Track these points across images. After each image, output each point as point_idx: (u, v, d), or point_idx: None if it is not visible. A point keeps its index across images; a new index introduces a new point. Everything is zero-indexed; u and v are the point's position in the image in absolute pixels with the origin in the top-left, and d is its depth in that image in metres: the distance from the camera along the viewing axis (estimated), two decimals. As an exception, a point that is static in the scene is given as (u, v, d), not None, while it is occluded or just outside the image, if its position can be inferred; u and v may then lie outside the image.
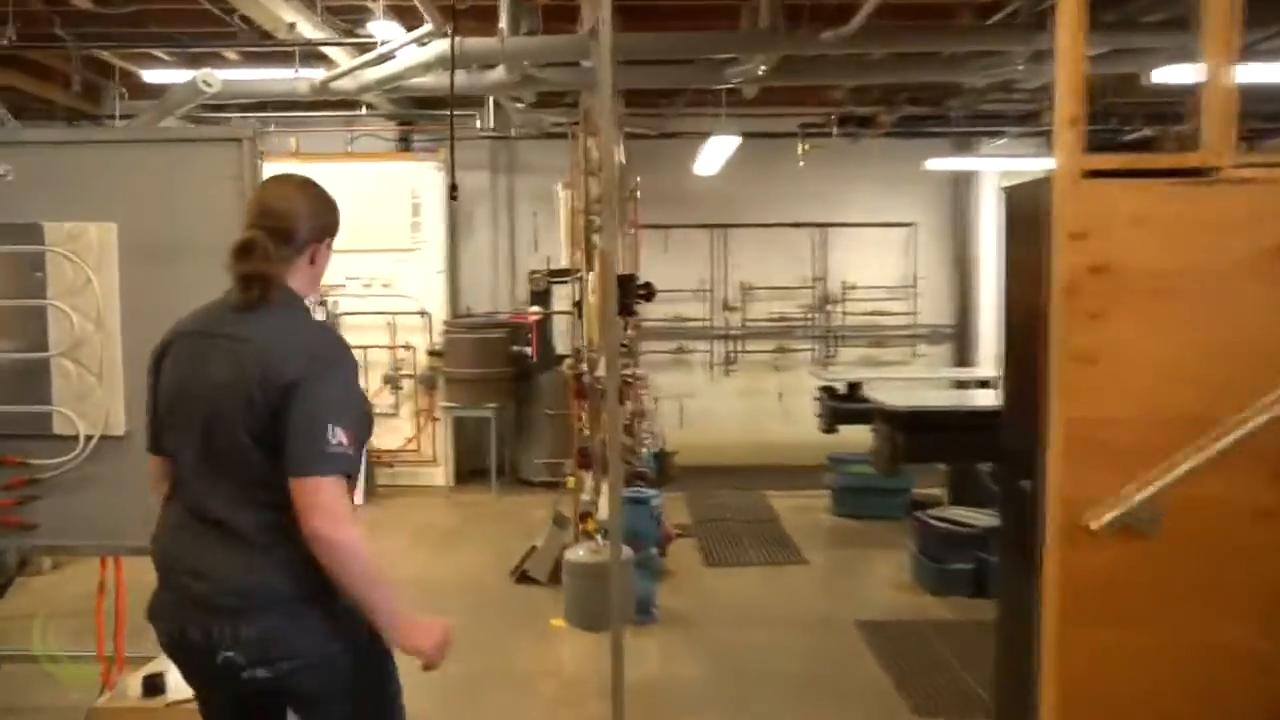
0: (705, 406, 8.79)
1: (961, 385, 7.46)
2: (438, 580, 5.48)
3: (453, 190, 4.65)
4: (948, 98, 6.92)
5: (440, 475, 7.91)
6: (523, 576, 5.39)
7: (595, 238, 3.53)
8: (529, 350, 7.48)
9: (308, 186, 2.02)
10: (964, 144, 8.06)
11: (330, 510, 1.67)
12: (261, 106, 7.64)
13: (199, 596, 1.76)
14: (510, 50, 4.76)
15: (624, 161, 4.98)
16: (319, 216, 2.00)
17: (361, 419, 1.85)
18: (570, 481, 4.74)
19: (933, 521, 5.11)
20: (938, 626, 4.67)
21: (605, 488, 3.39)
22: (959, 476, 6.16)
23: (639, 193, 5.79)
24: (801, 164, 7.70)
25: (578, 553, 3.66)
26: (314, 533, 1.66)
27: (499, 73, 5.23)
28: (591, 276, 3.53)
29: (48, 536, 2.97)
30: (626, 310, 3.46)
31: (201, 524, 1.79)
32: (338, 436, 1.70)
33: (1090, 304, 2.35)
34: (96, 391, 2.90)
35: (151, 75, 6.71)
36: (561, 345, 7.76)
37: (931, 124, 7.43)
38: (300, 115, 7.88)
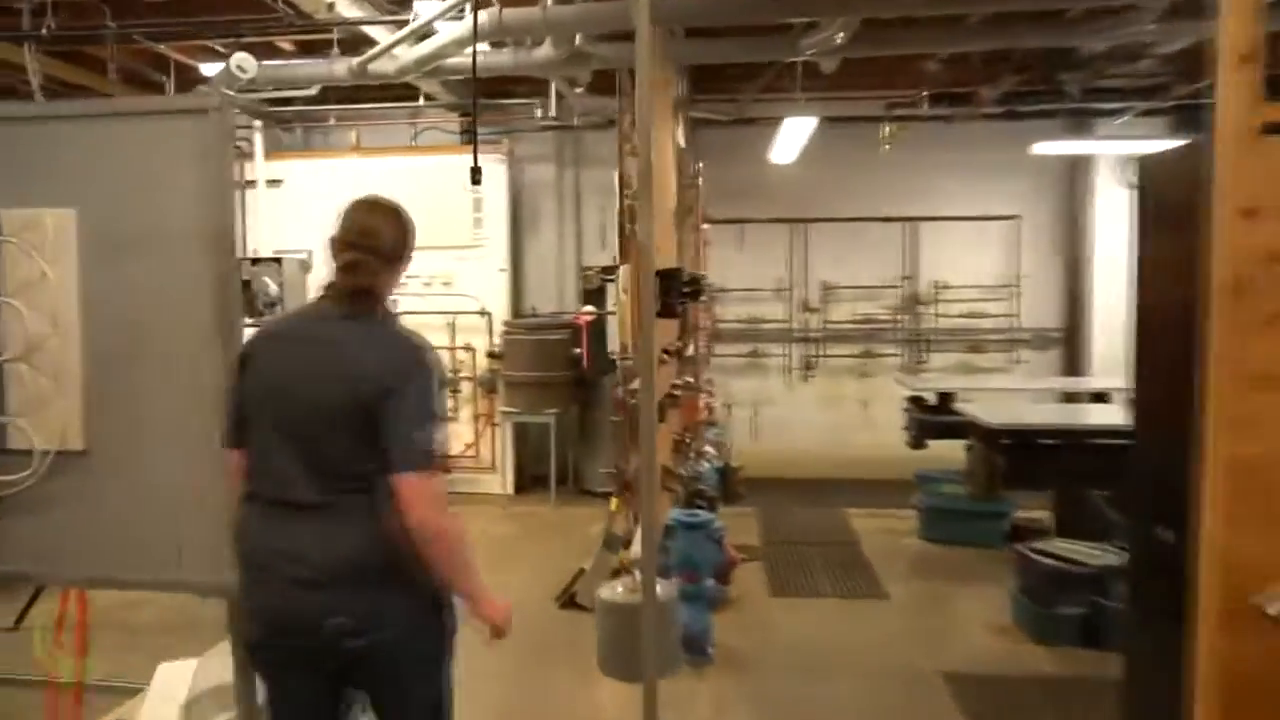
0: (781, 415, 8.18)
1: (1071, 398, 6.66)
2: (481, 601, 5.07)
3: (475, 174, 4.17)
4: (1060, 69, 6.06)
5: (499, 483, 7.54)
6: (569, 602, 4.94)
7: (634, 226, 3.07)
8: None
9: (400, 212, 2.23)
10: (1078, 124, 7.19)
11: (431, 503, 1.90)
12: (323, 99, 7.43)
13: (298, 578, 1.91)
14: (553, 19, 4.31)
15: (682, 145, 4.46)
16: (408, 238, 2.20)
17: (444, 417, 2.06)
18: (614, 504, 4.26)
19: (1037, 556, 4.41)
20: (1042, 683, 3.99)
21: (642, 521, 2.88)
22: (1068, 501, 5.41)
23: (701, 179, 5.23)
24: (887, 147, 7.02)
25: (614, 590, 3.17)
26: (419, 524, 1.87)
27: (546, 49, 4.78)
28: (623, 271, 3.00)
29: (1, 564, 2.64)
30: (669, 311, 2.94)
31: (295, 510, 1.95)
32: (434, 435, 1.94)
33: (1269, 304, 1.73)
34: (54, 400, 2.55)
35: (210, 68, 6.52)
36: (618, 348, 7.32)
37: (1040, 101, 6.59)
38: (362, 108, 7.65)
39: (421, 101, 7.38)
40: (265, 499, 1.99)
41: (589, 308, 7.22)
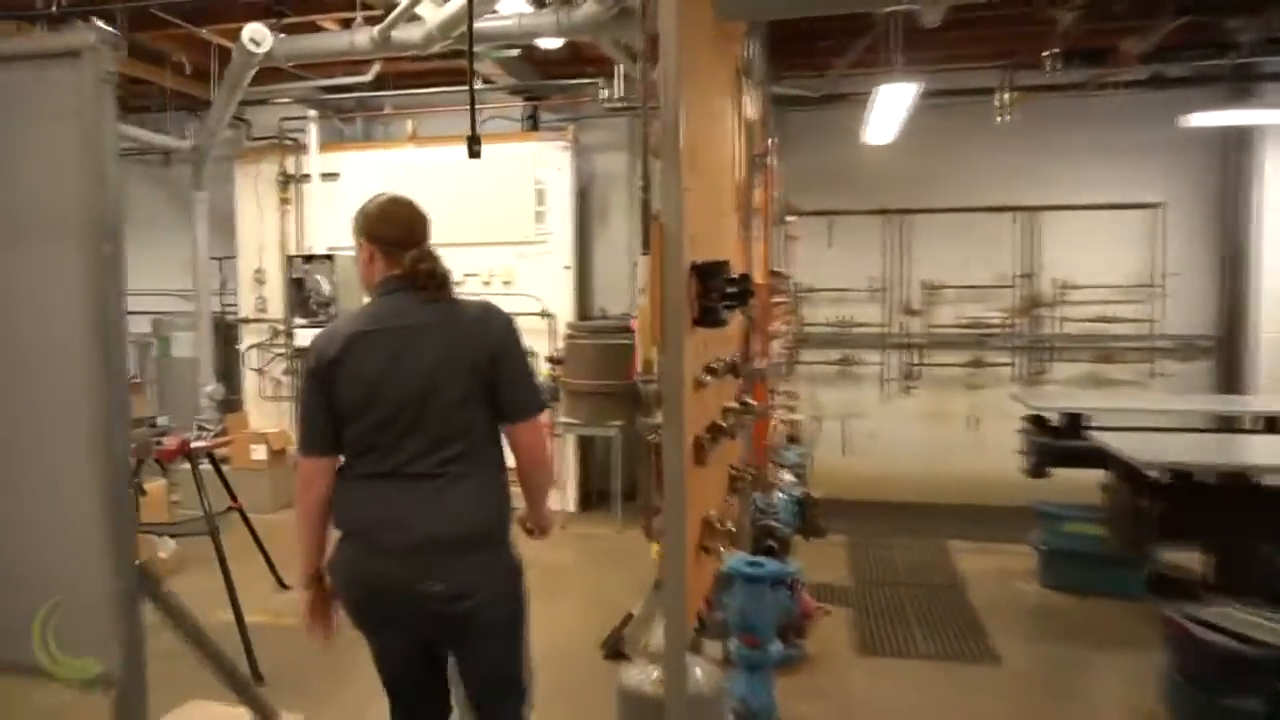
0: (875, 430, 7.28)
1: (1229, 423, 5.54)
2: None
3: (472, 144, 3.55)
4: (1225, 16, 4.89)
5: (560, 499, 6.92)
6: (614, 652, 4.26)
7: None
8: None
9: (415, 203, 2.41)
10: (1239, 91, 5.99)
11: (545, 436, 2.34)
12: (379, 84, 6.98)
13: (404, 545, 2.10)
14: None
15: (753, 117, 3.70)
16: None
17: None
18: (654, 551, 3.54)
19: (1201, 629, 3.45)
20: (1209, 803, 3.07)
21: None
22: (1231, 549, 4.38)
23: (773, 158, 4.45)
24: (1005, 118, 6.02)
25: (632, 676, 2.47)
26: (542, 457, 2.31)
27: (589, 5, 4.12)
28: (641, 265, 2.24)
29: None
30: (708, 318, 2.20)
31: (406, 483, 2.12)
32: (538, 381, 2.47)
33: None
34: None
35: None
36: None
37: (1196, 58, 5.45)
38: (418, 93, 7.16)
39: (480, 84, 6.81)
40: (372, 476, 2.14)
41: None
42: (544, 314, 6.99)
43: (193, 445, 4.27)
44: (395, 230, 2.29)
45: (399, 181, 7.53)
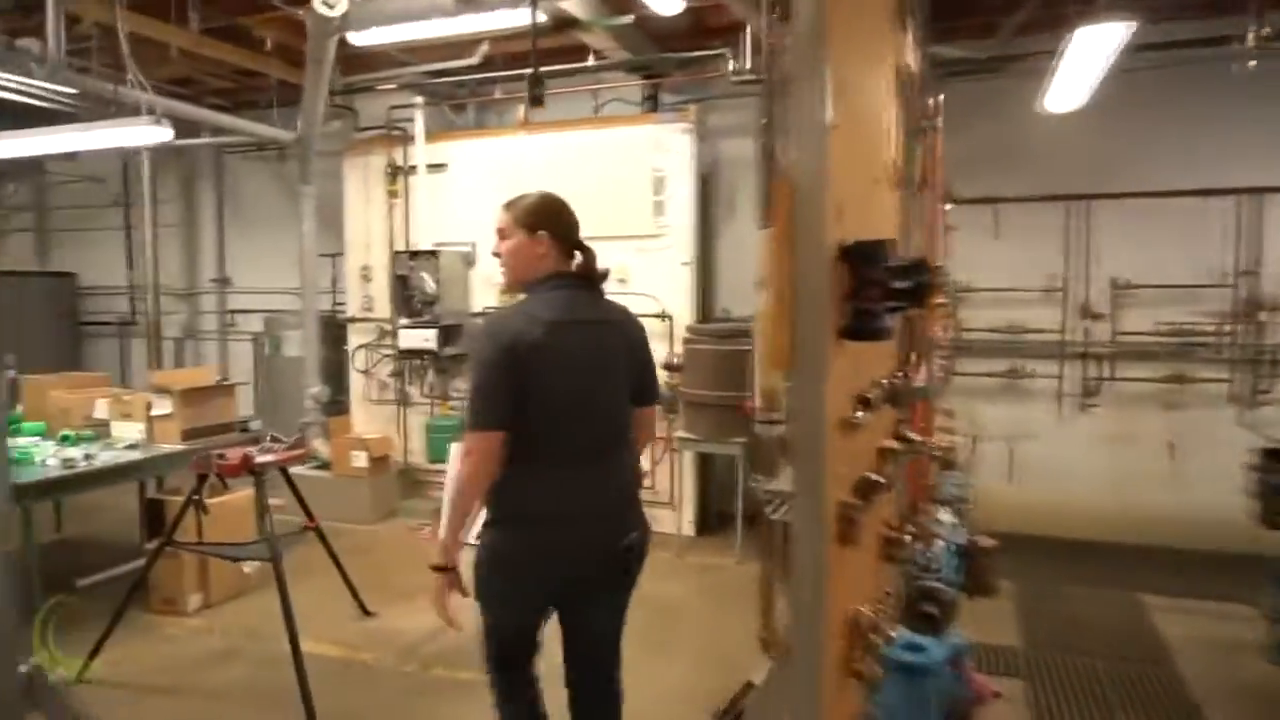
0: (1049, 454, 6.18)
1: None
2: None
3: (534, 86, 3.12)
4: None
5: (676, 521, 6.20)
6: (730, 730, 3.48)
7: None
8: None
9: None
10: None
11: None
12: (487, 65, 6.47)
13: (607, 512, 2.44)
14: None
15: (913, 68, 2.86)
16: None
17: None
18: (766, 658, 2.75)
19: None
20: None
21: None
22: None
23: (940, 120, 3.55)
24: (1252, 63, 4.83)
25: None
26: (654, 432, 2.71)
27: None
28: (762, 245, 1.44)
29: None
30: (865, 327, 1.41)
31: (597, 460, 2.41)
32: None
33: None
34: None
35: (358, 37, 5.70)
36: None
37: None
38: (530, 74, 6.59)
39: (591, 60, 6.19)
40: (562, 458, 2.34)
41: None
42: (661, 315, 6.29)
43: (257, 460, 3.80)
44: (571, 228, 2.50)
45: (508, 172, 7.07)
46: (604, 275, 2.50)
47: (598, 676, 2.68)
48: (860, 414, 1.63)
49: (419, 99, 6.65)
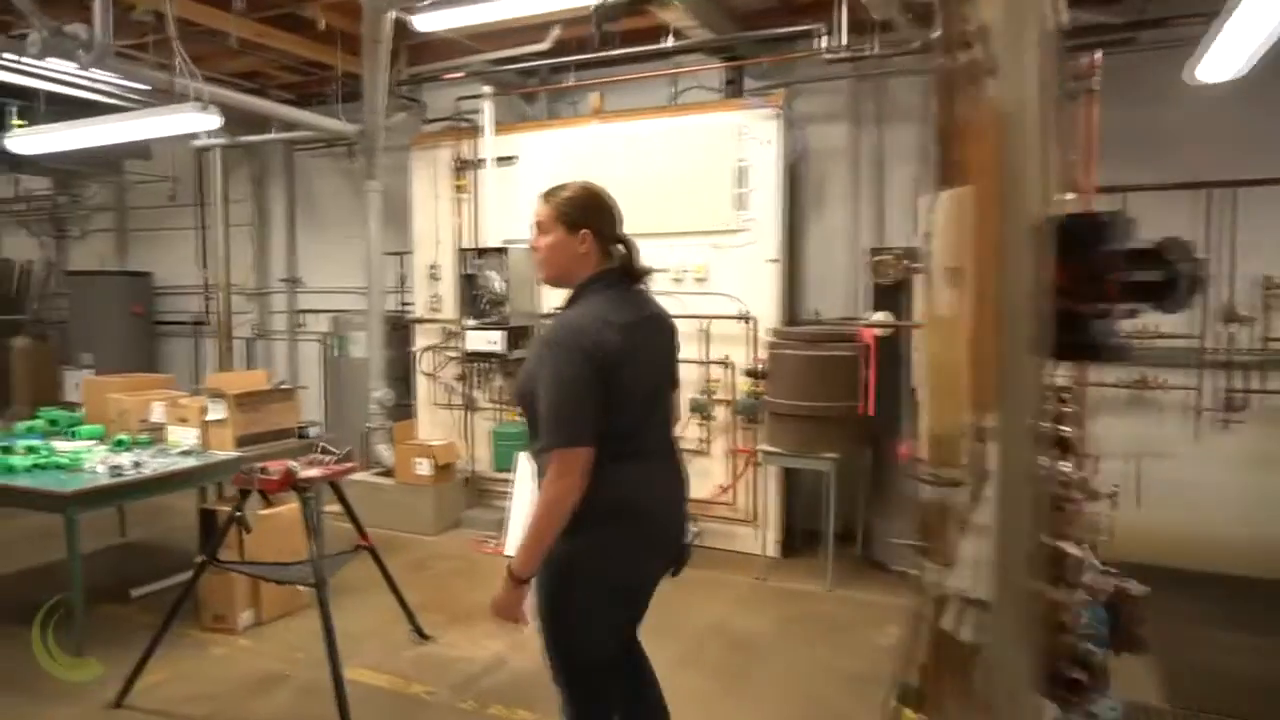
0: (1183, 477, 5.46)
1: None
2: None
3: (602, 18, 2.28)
4: None
5: (759, 541, 5.70)
6: (828, 804, 3.01)
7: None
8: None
9: None
10: None
11: None
12: (559, 51, 6.10)
13: (675, 511, 2.50)
14: None
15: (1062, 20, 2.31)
16: None
17: None
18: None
19: None
20: None
21: None
22: None
23: (1098, 81, 2.96)
24: None
25: None
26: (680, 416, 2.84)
27: None
28: (939, 214, 0.95)
29: None
30: (1092, 345, 0.90)
31: (663, 459, 2.47)
32: None
33: None
34: None
35: (422, 21, 5.37)
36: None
37: None
38: (603, 56, 6.19)
39: (670, 41, 5.74)
40: (644, 455, 2.35)
41: (880, 315, 5.08)
42: (743, 317, 5.81)
43: (301, 476, 3.46)
44: (614, 222, 2.40)
45: (580, 163, 6.63)
46: (647, 271, 2.44)
47: (644, 666, 2.68)
48: (1059, 464, 1.13)
49: (487, 88, 6.31)
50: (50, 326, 9.72)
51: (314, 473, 3.54)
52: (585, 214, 2.34)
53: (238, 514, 3.52)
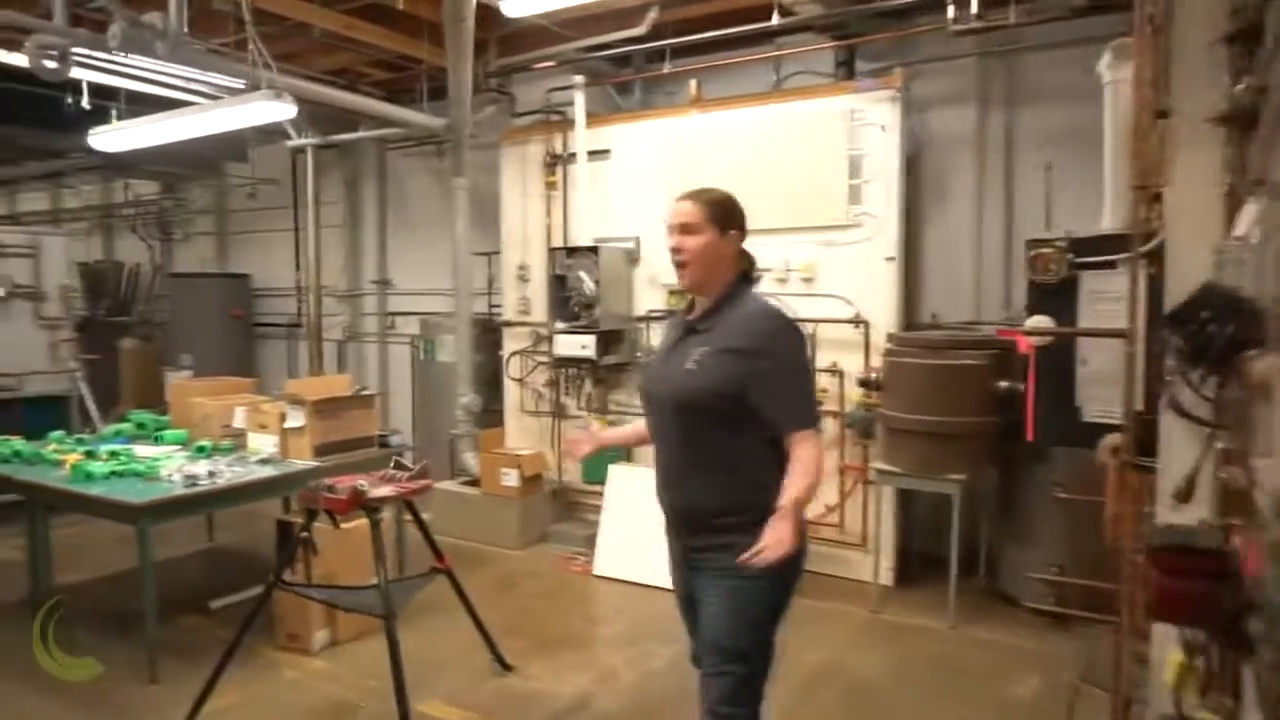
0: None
1: None
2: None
3: None
4: None
5: (872, 567, 5.15)
6: None
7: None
8: (1021, 391, 4.36)
9: None
10: None
11: None
12: (656, 35, 5.71)
13: None
14: None
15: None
16: None
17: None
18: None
19: None
20: None
21: None
22: None
23: None
24: None
25: None
26: None
27: None
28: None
29: None
30: None
31: None
32: None
33: None
34: None
35: (511, 6, 5.06)
36: (1101, 400, 4.29)
37: None
38: (702, 38, 5.77)
39: (775, 19, 5.26)
40: None
41: (1039, 319, 4.39)
42: (855, 321, 5.28)
43: (370, 495, 3.15)
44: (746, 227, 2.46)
45: (677, 156, 6.08)
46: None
47: None
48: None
49: (578, 78, 5.96)
50: (156, 328, 9.90)
51: (384, 491, 3.23)
52: (732, 216, 2.38)
53: (303, 534, 3.24)
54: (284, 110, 4.18)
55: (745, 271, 2.43)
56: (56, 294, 7.24)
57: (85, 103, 6.07)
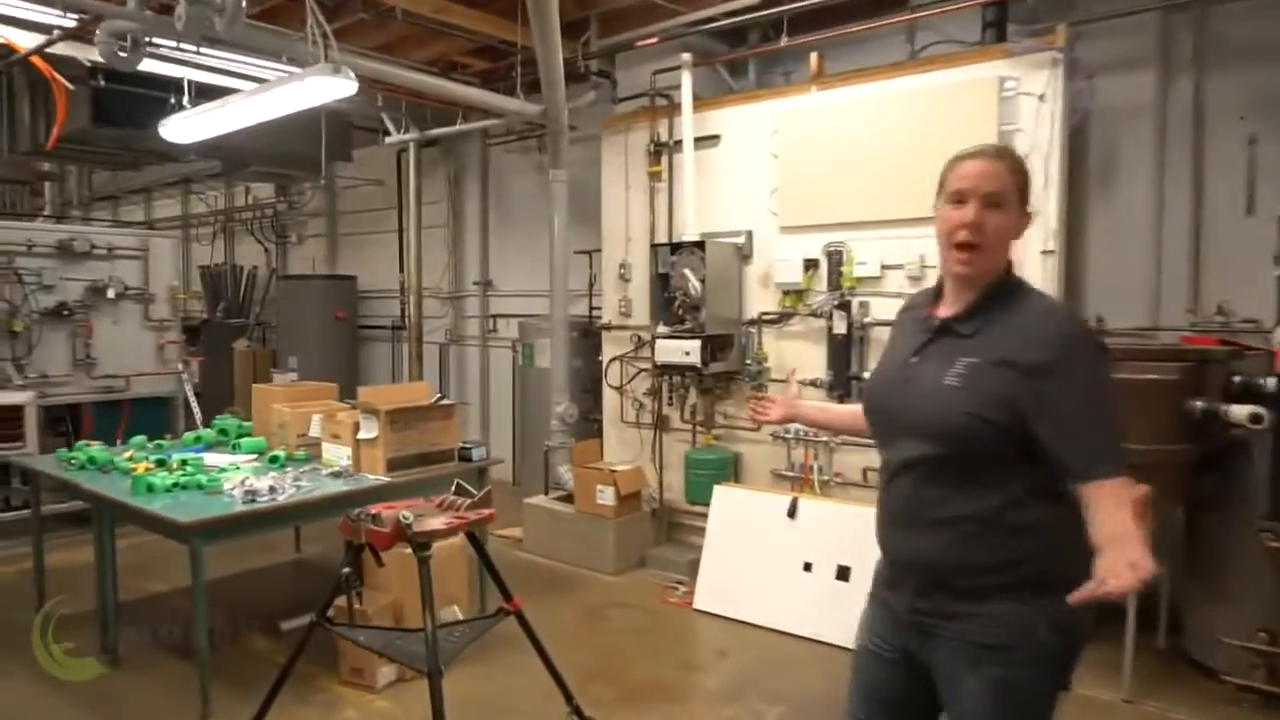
0: None
1: None
2: None
3: None
4: None
5: (1021, 619, 4.33)
6: None
7: None
8: (1235, 413, 3.50)
9: None
10: None
11: None
12: (771, 3, 5.10)
13: None
14: None
15: None
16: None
17: None
18: None
19: None
20: None
21: None
22: None
23: None
24: None
25: None
26: None
27: None
28: None
29: None
30: None
31: None
32: None
33: None
34: None
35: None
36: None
37: None
38: (822, 2, 5.10)
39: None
40: None
41: None
42: (1003, 326, 4.47)
43: (415, 530, 2.67)
44: None
45: (795, 141, 5.17)
46: None
47: None
48: None
49: (686, 56, 5.39)
50: (270, 330, 9.97)
51: (435, 524, 2.75)
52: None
53: (346, 570, 2.79)
54: (343, 87, 3.80)
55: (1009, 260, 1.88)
56: (165, 295, 7.23)
57: (186, 101, 5.98)
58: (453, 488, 3.05)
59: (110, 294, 6.84)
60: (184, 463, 4.26)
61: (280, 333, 9.25)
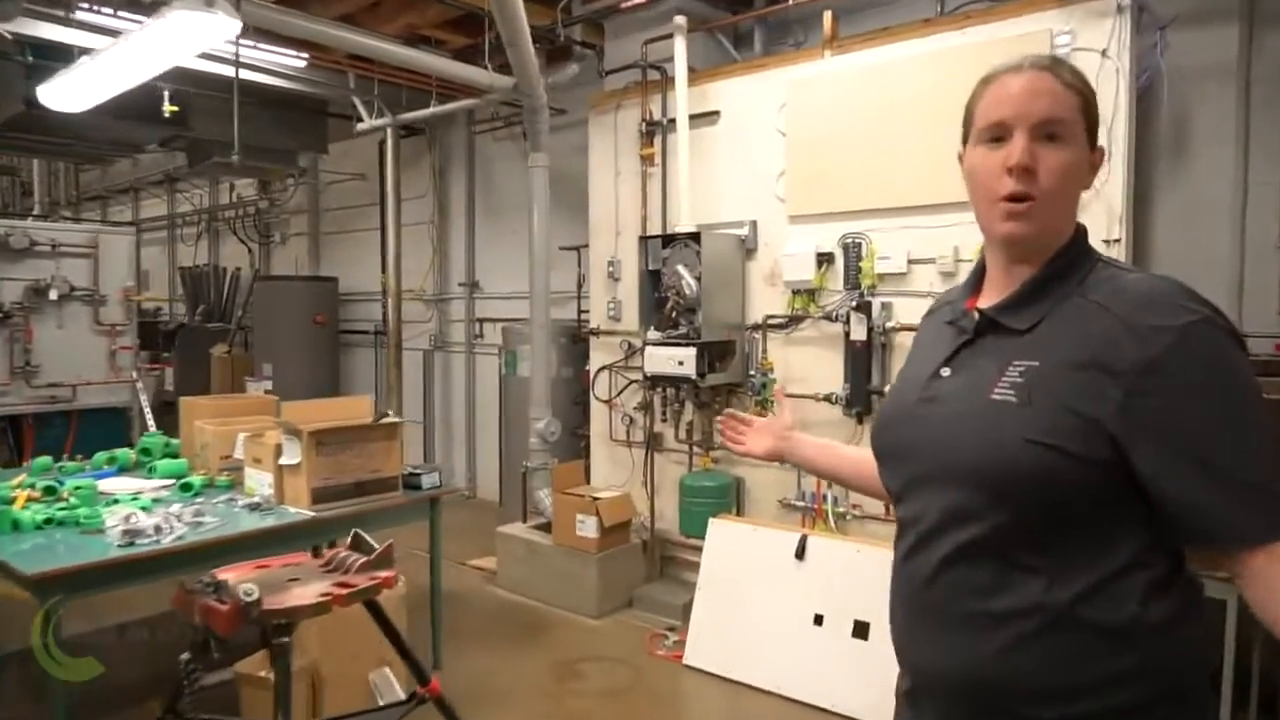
0: None
1: None
2: None
3: None
4: None
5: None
6: None
7: None
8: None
9: None
10: None
11: None
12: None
13: None
14: None
15: None
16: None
17: None
18: None
19: None
20: None
21: None
22: None
23: None
24: None
25: None
26: None
27: None
28: None
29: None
30: None
31: None
32: None
33: None
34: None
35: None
36: None
37: None
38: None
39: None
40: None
41: None
42: (1056, 330, 3.70)
43: (266, 609, 1.95)
44: None
45: (806, 116, 4.21)
46: None
47: None
48: None
49: (680, 19, 4.67)
50: (250, 334, 9.35)
51: (301, 597, 2.03)
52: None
53: (183, 659, 2.08)
54: (221, 25, 3.10)
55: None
56: (118, 297, 6.61)
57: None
58: (349, 538, 2.33)
59: (53, 295, 6.23)
60: (77, 489, 3.59)
61: (257, 338, 8.62)
